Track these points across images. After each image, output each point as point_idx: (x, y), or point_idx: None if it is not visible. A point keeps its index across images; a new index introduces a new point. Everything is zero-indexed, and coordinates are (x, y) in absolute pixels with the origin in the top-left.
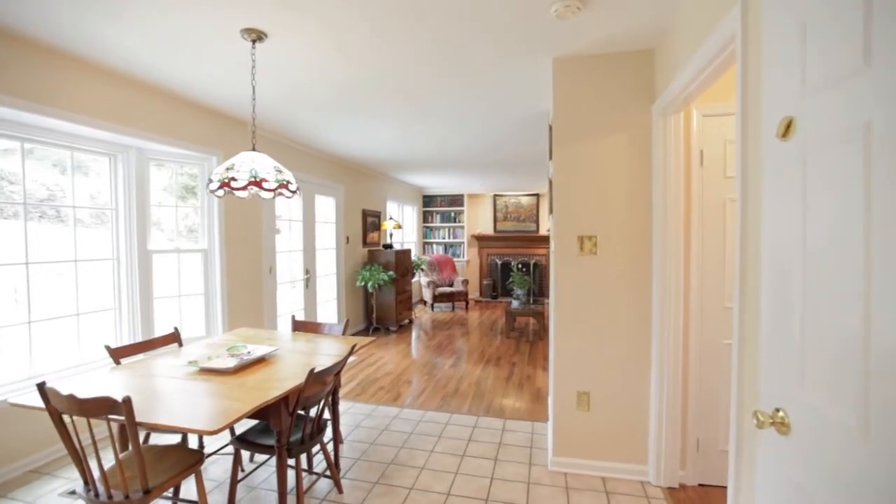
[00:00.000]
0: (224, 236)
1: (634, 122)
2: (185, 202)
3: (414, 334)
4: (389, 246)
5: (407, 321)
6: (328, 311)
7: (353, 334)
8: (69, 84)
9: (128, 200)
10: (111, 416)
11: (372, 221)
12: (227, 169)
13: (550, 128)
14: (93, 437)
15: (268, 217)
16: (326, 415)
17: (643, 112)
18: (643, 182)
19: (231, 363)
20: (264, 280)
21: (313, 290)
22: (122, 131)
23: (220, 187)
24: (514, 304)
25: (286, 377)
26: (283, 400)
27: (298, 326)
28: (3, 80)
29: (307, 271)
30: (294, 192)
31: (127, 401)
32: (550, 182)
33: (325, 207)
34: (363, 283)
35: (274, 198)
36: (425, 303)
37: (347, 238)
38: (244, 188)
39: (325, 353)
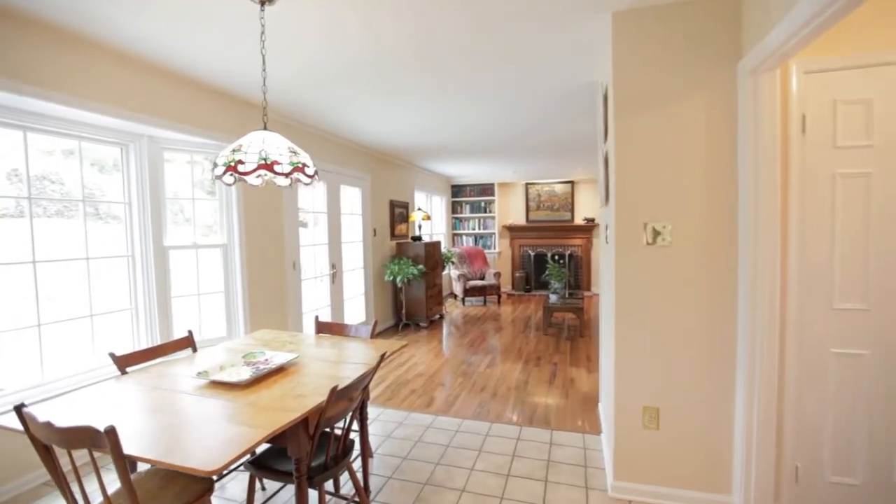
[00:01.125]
0: (244, 230)
1: (714, 84)
2: (203, 194)
3: (445, 330)
4: (418, 238)
5: (437, 316)
6: (355, 307)
7: (382, 331)
8: (73, 66)
9: (141, 193)
10: (95, 449)
11: (400, 213)
12: (234, 151)
13: (605, 99)
14: (75, 468)
15: (290, 209)
16: (354, 426)
17: (725, 72)
18: (725, 156)
19: (245, 374)
20: (288, 276)
21: (340, 286)
22: (134, 118)
23: (226, 171)
24: (552, 298)
25: (306, 392)
26: (303, 422)
27: (322, 328)
28: (2, 63)
29: (333, 266)
30: (312, 178)
31: (111, 431)
32: (605, 162)
33: (351, 198)
34: (391, 278)
35: (291, 185)
36: (455, 297)
37: (375, 230)
38: (253, 172)
39: (352, 360)
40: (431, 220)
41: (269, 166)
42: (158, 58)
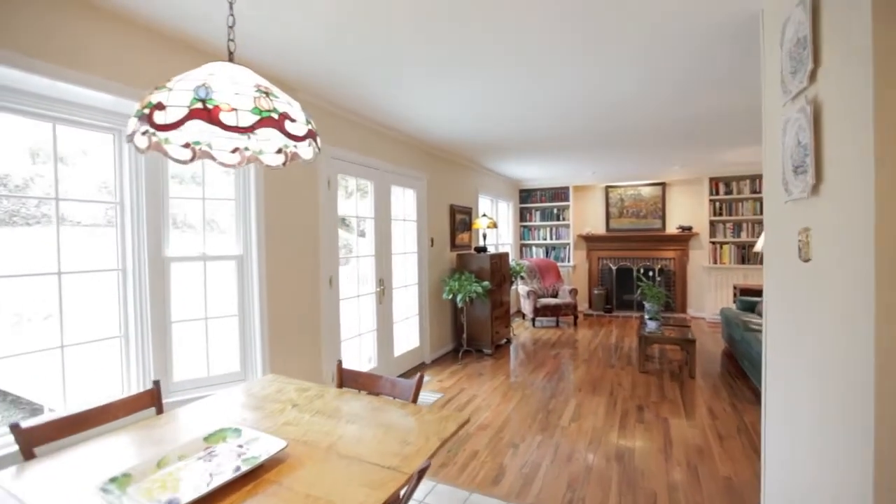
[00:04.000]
0: (264, 237)
1: None
2: (215, 193)
3: (513, 361)
4: (483, 249)
5: (504, 341)
6: (407, 330)
7: (439, 357)
8: (45, 25)
9: (136, 191)
10: None
11: (462, 219)
12: (157, 89)
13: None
14: None
15: (328, 211)
16: None
17: None
18: None
19: (187, 494)
20: (323, 295)
21: (388, 306)
22: (127, 93)
23: (141, 122)
24: (650, 325)
25: None
26: None
27: (347, 378)
28: None
29: (381, 282)
30: (303, 141)
31: None
32: (815, 117)
33: (404, 202)
34: (451, 296)
35: (257, 154)
36: (524, 316)
37: (432, 240)
38: (181, 124)
39: (381, 448)
40: (498, 228)
41: (210, 113)
42: (167, 14)
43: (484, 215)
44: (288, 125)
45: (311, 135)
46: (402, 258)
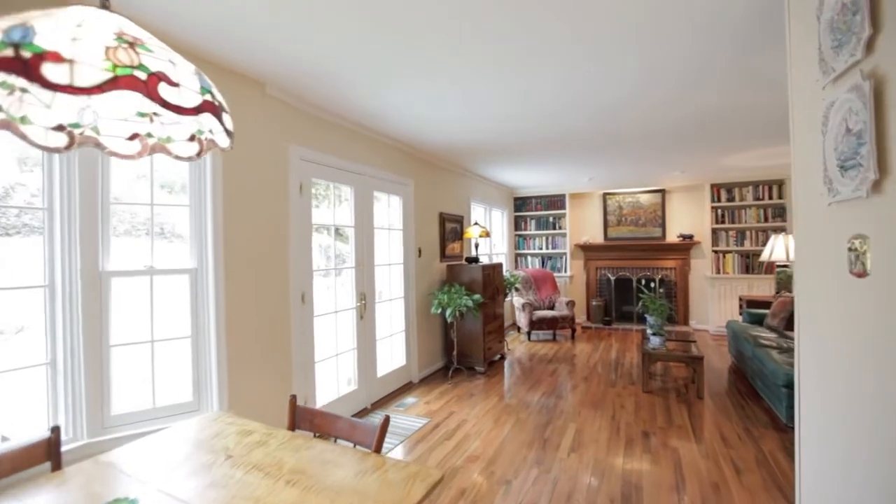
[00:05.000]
0: (223, 249)
1: None
2: (166, 195)
3: (507, 379)
4: (475, 259)
5: (498, 356)
6: (392, 348)
7: (428, 376)
8: None
9: (69, 194)
10: None
11: (452, 228)
12: None
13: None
14: None
15: (300, 219)
16: None
17: None
18: None
19: None
20: (294, 312)
21: (370, 322)
22: None
23: None
24: (653, 341)
25: None
26: None
27: (302, 418)
28: None
29: (363, 296)
30: (195, 115)
31: None
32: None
33: (389, 209)
34: (440, 310)
35: (164, 143)
36: (519, 329)
37: (420, 250)
38: None
39: None
40: (491, 237)
41: (25, 65)
42: None
43: (476, 224)
44: (164, 91)
45: (209, 109)
46: (386, 270)
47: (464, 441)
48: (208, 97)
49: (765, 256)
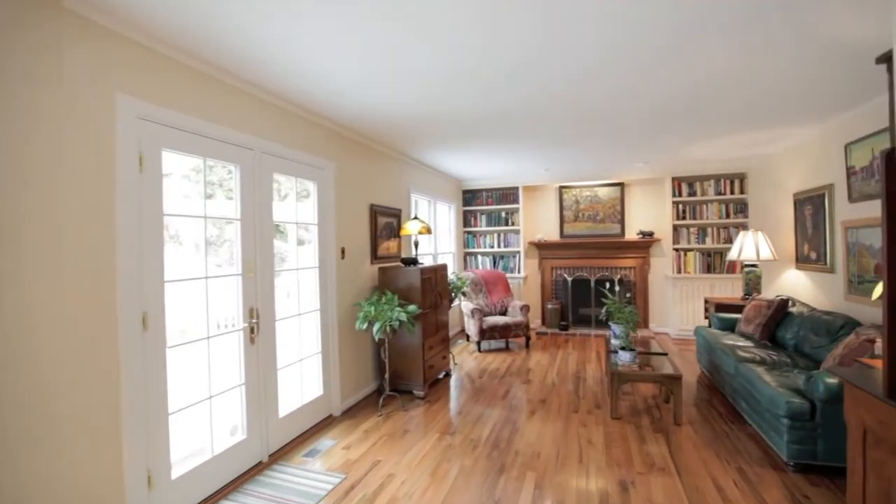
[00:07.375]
0: None
1: None
2: None
3: (452, 404)
4: (413, 261)
5: (443, 374)
6: (302, 377)
7: (356, 405)
8: None
9: None
10: None
11: (387, 224)
12: None
13: None
14: None
15: (139, 206)
16: None
17: None
18: None
19: None
20: (126, 344)
21: (267, 346)
22: None
23: None
24: (623, 356)
25: None
26: None
27: None
28: None
29: (253, 313)
30: None
31: None
32: None
33: (300, 198)
34: (366, 325)
35: None
36: (468, 337)
37: (343, 251)
38: None
39: None
40: (433, 234)
41: None
42: None
43: (416, 218)
44: None
45: None
46: (293, 276)
47: (392, 502)
48: None
49: (733, 255)
